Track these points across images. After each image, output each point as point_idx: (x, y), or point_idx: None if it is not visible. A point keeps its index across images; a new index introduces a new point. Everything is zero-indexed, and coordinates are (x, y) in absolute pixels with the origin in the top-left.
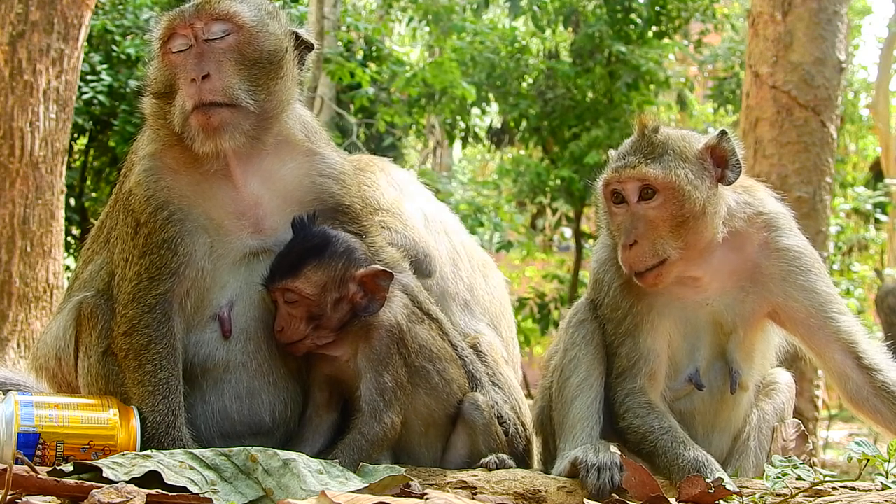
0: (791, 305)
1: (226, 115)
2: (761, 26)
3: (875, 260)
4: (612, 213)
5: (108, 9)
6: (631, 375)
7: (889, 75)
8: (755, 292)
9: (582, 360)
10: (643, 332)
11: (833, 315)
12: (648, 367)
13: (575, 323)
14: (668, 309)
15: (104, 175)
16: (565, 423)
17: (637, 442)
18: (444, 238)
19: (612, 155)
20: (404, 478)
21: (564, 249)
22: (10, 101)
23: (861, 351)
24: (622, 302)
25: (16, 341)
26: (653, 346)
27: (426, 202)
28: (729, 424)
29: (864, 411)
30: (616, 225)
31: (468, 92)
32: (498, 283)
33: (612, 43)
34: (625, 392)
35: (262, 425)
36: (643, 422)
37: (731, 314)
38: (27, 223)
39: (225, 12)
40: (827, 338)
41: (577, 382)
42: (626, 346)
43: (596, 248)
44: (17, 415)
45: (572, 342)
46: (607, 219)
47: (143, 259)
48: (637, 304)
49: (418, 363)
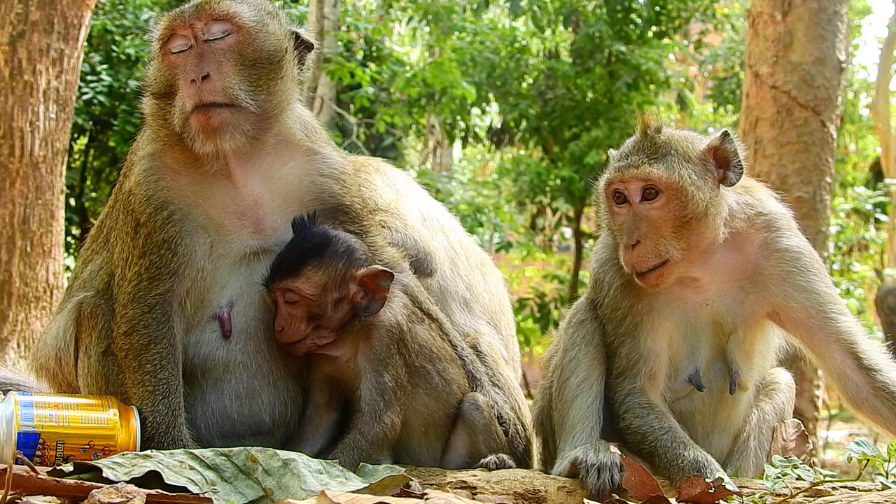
0: (791, 306)
1: (226, 115)
2: (761, 26)
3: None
4: (614, 213)
5: (108, 9)
6: (631, 375)
7: (889, 75)
8: (755, 293)
9: (582, 360)
10: (643, 332)
11: (833, 315)
12: (648, 367)
13: (575, 323)
14: (668, 309)
15: (104, 175)
16: (565, 423)
17: (637, 442)
18: (441, 237)
19: (613, 155)
20: (404, 478)
21: (564, 249)
22: (10, 101)
23: (861, 351)
24: (622, 302)
25: (16, 341)
26: (653, 347)
27: (423, 201)
28: (728, 424)
29: (864, 411)
30: (618, 225)
31: (468, 92)
32: (496, 281)
33: (612, 43)
34: (625, 392)
35: (262, 425)
36: (643, 422)
37: (730, 314)
38: (27, 223)
39: (225, 12)
40: (827, 338)
41: (577, 382)
42: (626, 346)
43: (596, 248)
44: (17, 415)
45: (572, 342)
46: (608, 219)
47: (142, 259)
48: (637, 304)
49: (418, 363)
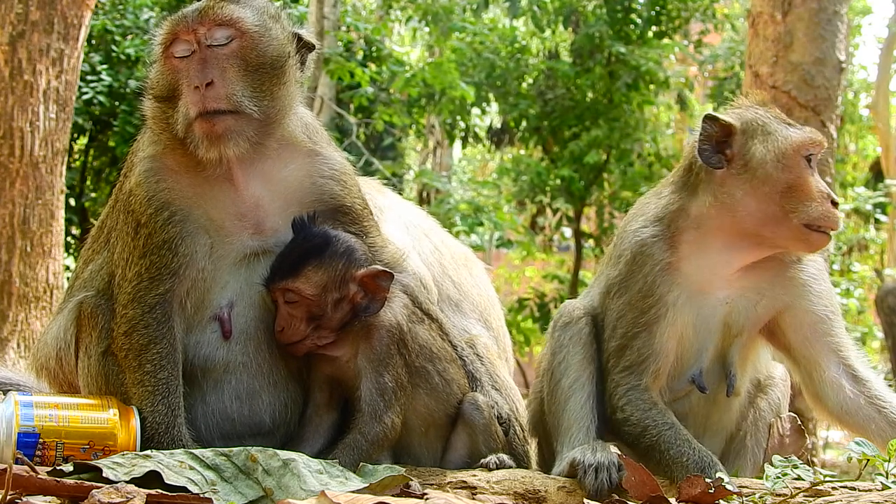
0: (800, 312)
1: (230, 122)
2: (761, 26)
3: (875, 260)
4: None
5: (108, 9)
6: (638, 371)
7: (889, 75)
8: (770, 296)
9: (571, 361)
10: (662, 326)
11: (837, 325)
12: (657, 365)
13: (561, 325)
14: (688, 305)
15: (104, 175)
16: (561, 424)
17: (636, 435)
18: (426, 240)
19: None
20: (404, 478)
21: (564, 249)
22: (10, 101)
23: (854, 361)
24: (657, 288)
25: (16, 341)
26: (665, 344)
27: (402, 210)
28: (720, 427)
29: (855, 420)
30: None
31: (466, 93)
32: (480, 273)
33: (612, 43)
34: (627, 386)
35: (263, 426)
36: (645, 416)
37: (742, 316)
38: (27, 223)
39: (228, 18)
40: (826, 347)
41: (568, 384)
42: (641, 340)
43: (632, 226)
44: (17, 415)
45: (559, 345)
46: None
47: (143, 259)
48: (667, 295)
49: (418, 363)
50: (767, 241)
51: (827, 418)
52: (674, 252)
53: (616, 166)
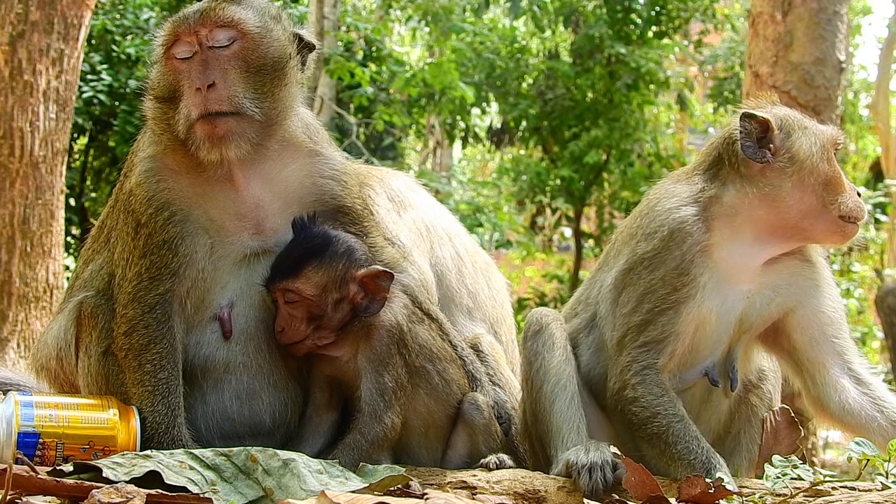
0: (810, 312)
1: (231, 124)
2: (761, 26)
3: (875, 260)
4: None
5: (108, 9)
6: (657, 349)
7: (889, 75)
8: (785, 294)
9: (549, 365)
10: (689, 306)
11: (844, 329)
12: (675, 345)
13: (532, 334)
14: (716, 292)
15: (104, 175)
16: (550, 429)
17: (643, 419)
18: (448, 245)
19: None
20: (404, 478)
21: (564, 249)
22: (10, 101)
23: (857, 366)
24: (693, 268)
25: (16, 341)
26: (689, 325)
27: (426, 209)
28: (709, 426)
29: (858, 420)
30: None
31: (466, 93)
32: (500, 286)
33: (612, 43)
34: (644, 363)
35: (263, 426)
36: (657, 401)
37: (757, 312)
38: (27, 223)
39: (230, 19)
40: (833, 349)
41: (549, 388)
42: (667, 316)
43: (667, 205)
44: (17, 415)
45: (534, 353)
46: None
47: (143, 259)
48: (700, 277)
49: (418, 363)
50: (801, 233)
51: (828, 421)
52: (711, 235)
53: (616, 166)
